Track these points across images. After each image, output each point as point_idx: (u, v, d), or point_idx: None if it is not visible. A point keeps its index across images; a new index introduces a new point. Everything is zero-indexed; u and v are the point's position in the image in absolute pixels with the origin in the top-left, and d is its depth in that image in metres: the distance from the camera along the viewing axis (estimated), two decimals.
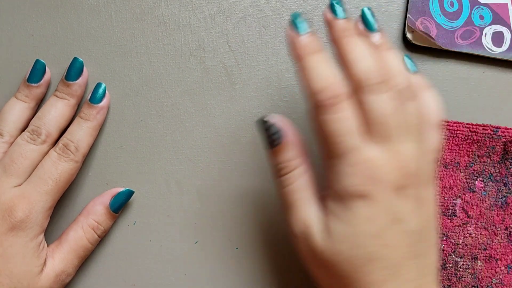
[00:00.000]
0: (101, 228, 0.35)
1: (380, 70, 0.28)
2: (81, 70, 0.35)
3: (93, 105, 0.35)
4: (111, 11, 0.37)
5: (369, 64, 0.28)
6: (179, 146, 0.37)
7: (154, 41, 0.38)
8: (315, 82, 0.28)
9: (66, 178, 0.33)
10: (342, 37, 0.29)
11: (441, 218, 0.38)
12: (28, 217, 0.32)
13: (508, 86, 0.40)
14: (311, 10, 0.39)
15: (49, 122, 0.34)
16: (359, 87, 0.28)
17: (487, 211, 0.38)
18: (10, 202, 0.32)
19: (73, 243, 0.34)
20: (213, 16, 0.38)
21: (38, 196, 0.32)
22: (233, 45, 0.38)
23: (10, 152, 0.33)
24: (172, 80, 0.38)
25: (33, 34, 0.37)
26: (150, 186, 0.37)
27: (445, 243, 0.37)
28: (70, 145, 0.34)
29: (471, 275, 0.37)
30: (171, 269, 0.37)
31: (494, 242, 0.38)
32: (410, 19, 0.38)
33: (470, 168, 0.38)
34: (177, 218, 0.37)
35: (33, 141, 0.33)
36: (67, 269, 0.34)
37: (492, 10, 0.39)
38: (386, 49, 0.30)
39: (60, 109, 0.34)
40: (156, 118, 0.37)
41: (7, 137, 0.34)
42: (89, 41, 0.37)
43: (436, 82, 0.39)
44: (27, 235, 0.32)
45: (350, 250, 0.28)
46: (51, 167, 0.33)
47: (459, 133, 0.38)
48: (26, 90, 0.35)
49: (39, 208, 0.32)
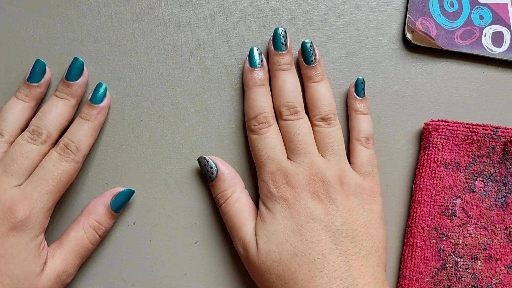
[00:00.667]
0: (102, 228, 0.35)
1: (298, 101, 0.36)
2: (81, 70, 0.35)
3: (94, 105, 0.35)
4: (111, 11, 0.37)
5: (287, 97, 0.36)
6: (179, 146, 0.37)
7: (154, 41, 0.38)
8: (251, 111, 0.36)
9: (66, 178, 0.33)
10: (274, 70, 0.36)
11: (441, 218, 0.38)
12: (28, 217, 0.32)
13: (508, 86, 0.40)
14: (311, 10, 0.39)
15: (49, 122, 0.34)
16: (279, 115, 0.36)
17: (487, 211, 0.38)
18: (11, 203, 0.32)
19: (74, 243, 0.34)
20: (213, 16, 0.38)
21: (39, 196, 0.32)
22: (233, 45, 0.38)
23: (10, 152, 0.33)
24: (172, 80, 0.38)
25: (33, 34, 0.37)
26: (150, 186, 0.37)
27: (445, 243, 0.37)
28: (71, 145, 0.34)
29: (471, 275, 0.37)
30: (171, 269, 0.37)
31: (494, 242, 0.38)
32: (410, 19, 0.38)
33: (470, 168, 0.38)
34: (177, 218, 0.37)
35: (33, 141, 0.33)
36: (68, 269, 0.34)
37: (492, 10, 0.39)
38: (318, 81, 0.37)
39: (60, 109, 0.34)
40: (156, 118, 0.37)
41: (7, 136, 0.34)
42: (89, 41, 0.37)
43: (436, 82, 0.39)
44: (28, 235, 0.32)
45: (276, 247, 0.33)
46: (52, 167, 0.33)
47: (459, 133, 0.38)
48: (27, 90, 0.35)
49: (40, 208, 0.32)
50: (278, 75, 0.36)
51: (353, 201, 0.34)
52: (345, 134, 0.38)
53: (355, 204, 0.34)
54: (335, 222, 0.33)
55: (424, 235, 0.37)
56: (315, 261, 0.32)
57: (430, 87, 0.39)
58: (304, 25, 0.39)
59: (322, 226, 0.33)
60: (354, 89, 0.37)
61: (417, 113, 0.39)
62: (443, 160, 0.38)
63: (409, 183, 0.39)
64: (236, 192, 0.36)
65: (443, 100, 0.40)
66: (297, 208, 0.33)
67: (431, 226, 0.37)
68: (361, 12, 0.39)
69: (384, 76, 0.39)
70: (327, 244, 0.32)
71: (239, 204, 0.35)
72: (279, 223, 0.33)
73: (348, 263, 0.32)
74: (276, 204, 0.34)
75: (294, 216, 0.33)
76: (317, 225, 0.33)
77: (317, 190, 0.34)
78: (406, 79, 0.39)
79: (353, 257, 0.33)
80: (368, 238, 0.34)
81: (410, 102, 0.39)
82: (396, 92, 0.39)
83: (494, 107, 0.40)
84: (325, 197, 0.34)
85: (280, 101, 0.36)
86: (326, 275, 0.32)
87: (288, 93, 0.36)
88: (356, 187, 0.35)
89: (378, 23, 0.39)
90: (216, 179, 0.36)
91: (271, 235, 0.33)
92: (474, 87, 0.40)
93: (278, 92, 0.36)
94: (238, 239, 0.35)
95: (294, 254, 0.32)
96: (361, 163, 0.36)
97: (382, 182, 0.39)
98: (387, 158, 0.39)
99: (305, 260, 0.32)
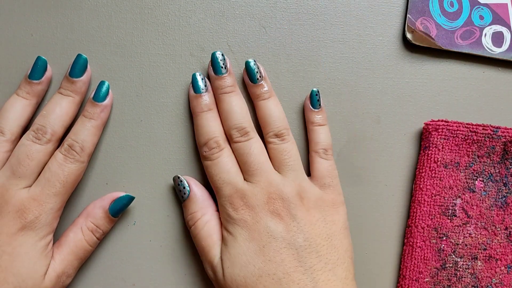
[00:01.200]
0: (100, 231, 0.35)
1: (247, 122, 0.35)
2: (85, 67, 0.35)
3: (97, 103, 0.35)
4: (111, 11, 0.37)
5: (235, 119, 0.35)
6: (179, 146, 0.37)
7: (154, 41, 0.38)
8: (201, 137, 0.35)
9: (73, 179, 0.33)
10: (218, 94, 0.36)
11: (441, 218, 0.38)
12: (38, 218, 0.32)
13: (508, 86, 0.40)
14: (311, 10, 0.39)
15: (54, 121, 0.34)
16: (230, 139, 0.36)
17: (487, 211, 0.38)
18: (21, 205, 0.32)
19: (72, 244, 0.34)
20: (213, 16, 0.38)
21: (47, 198, 0.32)
22: (233, 45, 0.38)
23: (16, 154, 0.33)
24: (172, 80, 0.38)
25: (33, 34, 0.37)
26: (150, 186, 0.37)
27: (445, 243, 0.37)
28: (75, 146, 0.34)
29: (471, 275, 0.37)
30: (171, 269, 0.37)
31: (494, 242, 0.38)
32: (410, 19, 0.38)
33: (470, 168, 0.38)
34: (177, 218, 0.37)
35: (38, 140, 0.33)
36: (67, 270, 0.34)
37: (492, 10, 0.39)
38: (267, 98, 0.36)
39: (64, 107, 0.34)
40: (156, 118, 0.37)
41: (8, 135, 0.34)
42: (89, 41, 0.37)
43: (436, 82, 0.39)
44: (37, 235, 0.32)
45: (241, 270, 0.32)
46: (58, 169, 0.33)
47: (459, 133, 0.38)
48: (28, 87, 0.35)
49: (48, 209, 0.32)
50: (223, 98, 0.36)
51: (315, 215, 0.34)
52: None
53: (316, 217, 0.34)
54: (298, 239, 0.33)
55: (424, 235, 0.37)
56: (280, 280, 0.32)
57: (430, 87, 0.39)
58: (304, 25, 0.39)
59: (284, 244, 0.32)
60: (310, 101, 0.37)
61: (417, 113, 0.39)
62: (443, 160, 0.38)
63: (409, 183, 0.39)
64: (206, 215, 0.35)
65: (443, 100, 0.40)
66: (257, 228, 0.33)
67: (431, 226, 0.37)
68: (361, 12, 0.39)
69: (384, 76, 0.39)
70: (291, 262, 0.32)
71: (208, 227, 0.35)
72: (241, 246, 0.33)
73: (314, 279, 0.32)
74: (236, 227, 0.33)
75: (255, 237, 0.33)
76: (279, 243, 0.32)
77: (277, 208, 0.33)
78: (406, 79, 0.39)
79: (319, 272, 0.32)
80: (333, 251, 0.33)
81: (410, 102, 0.39)
82: (396, 92, 0.39)
83: (494, 107, 0.40)
84: (285, 214, 0.33)
85: (228, 124, 0.35)
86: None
87: (235, 116, 0.35)
88: (316, 200, 0.34)
89: (378, 23, 0.39)
90: (187, 200, 0.36)
91: (234, 259, 0.33)
92: (474, 87, 0.40)
93: (226, 116, 0.35)
94: (206, 263, 0.35)
95: (259, 276, 0.32)
96: (320, 175, 0.36)
97: (382, 182, 0.39)
98: (387, 158, 0.39)
99: (270, 280, 0.32)
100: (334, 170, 0.37)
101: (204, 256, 0.35)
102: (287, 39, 0.38)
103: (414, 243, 0.37)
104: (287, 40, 0.38)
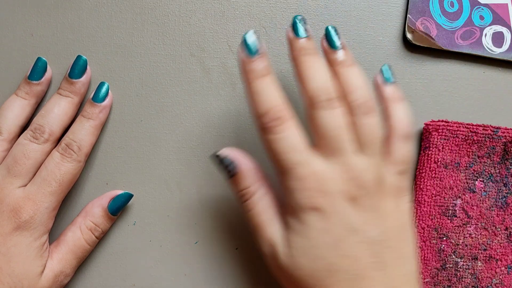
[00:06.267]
0: (99, 230, 0.35)
1: (333, 86, 0.30)
2: (84, 68, 0.35)
3: (96, 103, 0.35)
4: (111, 11, 0.37)
5: (321, 81, 0.30)
6: (179, 146, 0.37)
7: (154, 41, 0.38)
8: (259, 106, 0.30)
9: (69, 179, 0.33)
10: (299, 55, 0.31)
11: (441, 218, 0.38)
12: (32, 218, 0.32)
13: (508, 86, 0.40)
14: (311, 10, 0.39)
15: (52, 121, 0.34)
16: (310, 104, 0.30)
17: (487, 211, 0.38)
18: (16, 204, 0.32)
19: (71, 244, 0.34)
20: (213, 16, 0.38)
21: (43, 197, 0.32)
22: (233, 45, 0.38)
23: (13, 153, 0.33)
24: (172, 80, 0.38)
25: (33, 34, 0.37)
26: (150, 186, 0.37)
27: (445, 244, 0.37)
28: (73, 145, 0.34)
29: (471, 276, 0.37)
30: (171, 269, 0.37)
31: (494, 242, 0.38)
32: (410, 19, 0.38)
33: (470, 169, 0.38)
34: (177, 218, 0.37)
35: (36, 139, 0.33)
36: (66, 269, 0.34)
37: (492, 11, 0.39)
38: (348, 65, 0.31)
39: (63, 107, 0.34)
40: (156, 118, 0.37)
41: (6, 134, 0.34)
42: (89, 41, 0.37)
43: (436, 82, 0.39)
44: (32, 235, 0.32)
45: (310, 263, 0.29)
46: (54, 168, 0.33)
47: (459, 133, 0.38)
48: (27, 87, 0.35)
49: (44, 209, 0.32)
50: (306, 59, 0.31)
51: (390, 205, 0.31)
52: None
53: (391, 208, 0.31)
54: (374, 233, 0.29)
55: (424, 235, 0.37)
56: (353, 277, 0.29)
57: (430, 87, 0.39)
58: None
59: (360, 238, 0.29)
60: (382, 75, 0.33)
61: (417, 113, 0.39)
62: (443, 161, 0.38)
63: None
64: (261, 189, 0.32)
65: (443, 100, 0.40)
66: (333, 219, 0.29)
67: (431, 227, 0.37)
68: (361, 12, 0.39)
69: None
70: (366, 258, 0.29)
71: (264, 202, 0.31)
72: (315, 238, 0.29)
73: (386, 275, 0.29)
74: (309, 215, 0.29)
75: (331, 229, 0.29)
76: (356, 238, 0.29)
77: (356, 197, 0.29)
78: (406, 79, 0.39)
79: (391, 268, 0.29)
80: (404, 244, 0.31)
81: (410, 102, 0.39)
82: None
83: (495, 107, 0.40)
84: (364, 204, 0.29)
85: (311, 85, 0.30)
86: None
87: (321, 76, 0.30)
88: (392, 189, 0.31)
89: (378, 23, 0.39)
90: (237, 175, 0.32)
91: (305, 250, 0.29)
92: (474, 87, 0.40)
93: (308, 75, 0.30)
94: (264, 239, 0.31)
95: (330, 272, 0.29)
96: (399, 160, 0.32)
97: None
98: None
99: (342, 277, 0.29)
100: (411, 156, 0.33)
101: (261, 232, 0.31)
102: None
103: None
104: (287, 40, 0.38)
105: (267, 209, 0.31)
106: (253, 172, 0.32)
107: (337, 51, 0.32)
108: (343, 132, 0.30)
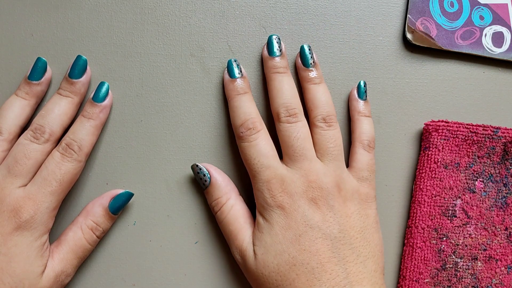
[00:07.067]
0: (100, 229, 0.35)
1: (297, 103, 0.35)
2: (85, 68, 0.35)
3: (96, 103, 0.35)
4: (111, 11, 0.37)
5: (286, 98, 0.35)
6: (179, 146, 0.37)
7: (154, 41, 0.38)
8: (237, 118, 0.35)
9: (69, 179, 0.33)
10: (270, 73, 0.36)
11: (441, 218, 0.38)
12: (33, 218, 0.32)
13: (508, 87, 0.40)
14: (311, 10, 0.39)
15: (52, 121, 0.34)
16: (277, 118, 0.35)
17: (487, 211, 0.38)
18: (16, 204, 0.32)
19: (72, 243, 0.34)
20: (213, 16, 0.38)
21: (43, 197, 0.32)
22: (233, 45, 0.38)
23: (13, 152, 0.33)
24: (172, 80, 0.38)
25: (33, 34, 0.37)
26: (150, 186, 0.37)
27: (445, 244, 0.37)
28: (73, 145, 0.34)
29: (471, 276, 0.37)
30: (171, 269, 0.37)
31: (494, 242, 0.38)
32: (410, 19, 0.38)
33: (470, 169, 0.38)
34: (177, 218, 0.37)
35: (36, 140, 0.33)
36: (67, 269, 0.34)
37: (492, 11, 0.39)
38: (317, 83, 0.36)
39: (63, 107, 0.34)
40: (156, 118, 0.37)
41: (6, 134, 0.34)
42: (89, 41, 0.37)
43: (436, 82, 0.39)
44: (32, 235, 0.32)
45: (274, 259, 0.32)
46: (55, 168, 0.33)
47: (459, 133, 0.38)
48: (27, 88, 0.35)
49: (44, 208, 0.32)
50: (275, 77, 0.36)
51: (350, 207, 0.34)
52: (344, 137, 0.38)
53: (352, 210, 0.34)
54: (333, 230, 0.33)
55: (424, 235, 0.37)
56: (314, 270, 0.32)
57: (430, 88, 0.39)
58: (304, 25, 0.39)
59: (320, 234, 0.32)
60: (357, 91, 0.37)
61: (417, 114, 0.39)
62: (443, 161, 0.38)
63: (409, 184, 0.39)
64: (231, 200, 0.35)
65: (443, 101, 0.40)
66: (294, 217, 0.33)
67: (431, 227, 0.37)
68: (361, 12, 0.39)
69: (384, 76, 0.39)
70: (326, 253, 0.32)
71: (234, 211, 0.35)
72: (277, 234, 0.33)
73: (346, 270, 0.32)
74: (273, 213, 0.33)
75: (292, 226, 0.33)
76: (315, 233, 0.32)
77: (315, 198, 0.33)
78: (406, 79, 0.39)
79: (350, 264, 0.32)
80: (365, 244, 0.34)
81: (410, 102, 0.39)
82: (396, 92, 0.39)
83: (494, 107, 0.40)
84: (323, 204, 0.33)
85: (278, 102, 0.35)
86: (325, 284, 0.32)
87: (285, 94, 0.35)
88: (353, 193, 0.35)
89: (378, 23, 0.39)
90: (210, 187, 0.36)
91: (269, 247, 0.33)
92: (474, 87, 0.40)
93: (276, 93, 0.35)
94: (234, 247, 0.35)
95: (293, 265, 0.32)
96: (360, 167, 0.36)
97: (382, 182, 0.39)
98: (387, 158, 0.39)
99: (304, 269, 0.32)
100: (374, 164, 0.37)
101: (232, 240, 0.35)
102: (287, 39, 0.38)
103: (414, 243, 0.37)
104: (287, 40, 0.38)
105: (237, 219, 0.35)
106: (224, 184, 0.36)
107: (308, 69, 0.36)
108: (304, 142, 0.34)
